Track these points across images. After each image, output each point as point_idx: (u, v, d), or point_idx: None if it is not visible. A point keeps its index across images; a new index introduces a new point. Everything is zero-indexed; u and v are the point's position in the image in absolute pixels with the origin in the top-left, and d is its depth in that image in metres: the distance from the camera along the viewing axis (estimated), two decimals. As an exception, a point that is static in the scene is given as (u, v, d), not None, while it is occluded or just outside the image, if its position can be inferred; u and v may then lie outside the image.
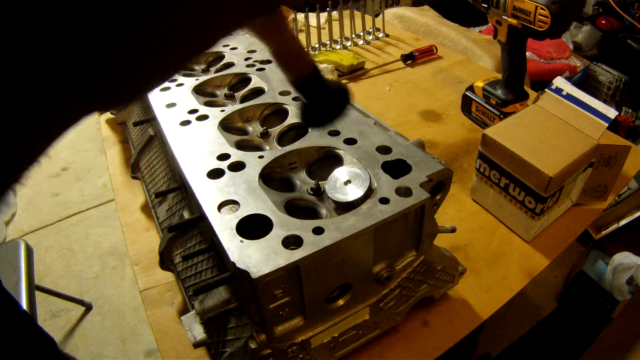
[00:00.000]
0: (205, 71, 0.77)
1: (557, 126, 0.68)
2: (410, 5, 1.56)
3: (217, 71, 0.73)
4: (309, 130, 0.54)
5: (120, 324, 1.54)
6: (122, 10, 0.19)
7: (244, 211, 0.42)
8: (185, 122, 0.57)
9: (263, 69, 0.70)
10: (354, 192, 0.44)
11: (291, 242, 0.39)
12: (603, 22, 2.20)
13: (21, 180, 0.21)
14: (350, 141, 0.51)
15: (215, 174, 0.48)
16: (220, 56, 0.78)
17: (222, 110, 0.60)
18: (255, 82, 0.68)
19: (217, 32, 0.24)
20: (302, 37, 1.20)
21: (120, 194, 0.82)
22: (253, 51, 0.77)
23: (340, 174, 0.46)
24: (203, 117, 0.58)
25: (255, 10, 0.25)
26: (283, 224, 0.41)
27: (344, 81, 1.11)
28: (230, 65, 0.74)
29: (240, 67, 0.72)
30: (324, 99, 0.38)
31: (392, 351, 0.56)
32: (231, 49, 0.79)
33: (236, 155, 0.50)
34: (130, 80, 0.22)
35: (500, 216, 0.72)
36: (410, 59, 1.16)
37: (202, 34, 0.23)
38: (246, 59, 0.74)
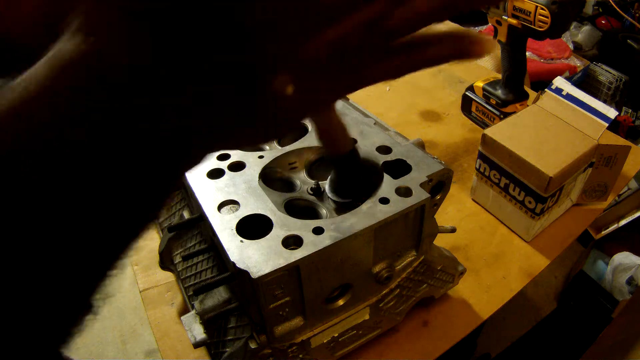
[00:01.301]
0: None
1: (557, 126, 0.68)
2: (410, 5, 1.55)
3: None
4: (309, 130, 0.54)
5: (120, 324, 1.54)
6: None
7: (244, 211, 0.42)
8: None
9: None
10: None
11: (291, 242, 0.39)
12: (603, 22, 2.19)
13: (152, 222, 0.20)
14: (350, 141, 0.51)
15: (215, 173, 0.48)
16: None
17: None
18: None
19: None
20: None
21: (120, 194, 0.82)
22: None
23: (340, 174, 0.46)
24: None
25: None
26: (283, 224, 0.41)
27: (344, 81, 1.11)
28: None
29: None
30: (358, 177, 0.39)
31: (392, 351, 0.56)
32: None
33: (236, 155, 0.50)
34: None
35: (500, 216, 0.72)
36: (410, 59, 1.16)
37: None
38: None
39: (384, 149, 0.50)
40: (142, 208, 0.20)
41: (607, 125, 0.65)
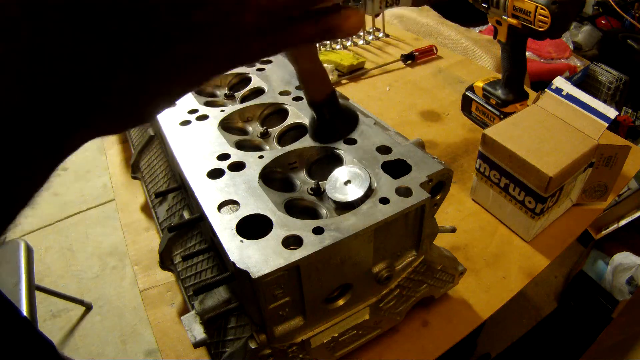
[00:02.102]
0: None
1: (557, 126, 0.68)
2: (410, 6, 1.56)
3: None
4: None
5: (120, 324, 1.54)
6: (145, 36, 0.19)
7: (244, 211, 0.42)
8: (185, 122, 0.57)
9: (263, 69, 0.70)
10: (354, 192, 0.44)
11: (291, 242, 0.39)
12: (603, 22, 2.20)
13: (27, 205, 0.21)
14: (350, 141, 0.51)
15: (215, 174, 0.48)
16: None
17: (222, 110, 0.60)
18: (255, 82, 0.68)
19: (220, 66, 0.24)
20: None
21: (120, 194, 0.82)
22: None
23: (340, 174, 0.46)
24: (203, 117, 0.58)
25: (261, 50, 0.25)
26: (283, 224, 0.41)
27: (344, 81, 1.11)
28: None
29: (240, 67, 0.72)
30: (335, 120, 0.41)
31: (392, 351, 0.56)
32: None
33: (236, 155, 0.50)
34: (134, 109, 0.22)
35: (500, 216, 0.72)
36: (410, 59, 1.16)
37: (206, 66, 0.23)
38: (246, 59, 0.74)
39: (384, 149, 0.50)
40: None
41: (607, 125, 0.65)
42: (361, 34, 1.28)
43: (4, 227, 0.21)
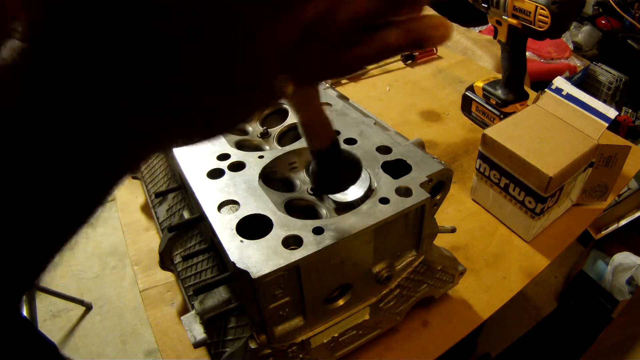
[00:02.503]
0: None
1: (557, 126, 0.68)
2: (410, 5, 1.55)
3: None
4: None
5: (120, 324, 1.54)
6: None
7: (244, 211, 0.42)
8: (185, 122, 0.57)
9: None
10: (354, 192, 0.44)
11: (291, 242, 0.39)
12: (603, 22, 2.19)
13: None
14: (350, 141, 0.51)
15: (215, 174, 0.48)
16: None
17: (222, 110, 0.60)
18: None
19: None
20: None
21: (120, 194, 0.82)
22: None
23: (340, 174, 0.46)
24: (203, 117, 0.58)
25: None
26: (283, 224, 0.41)
27: (344, 81, 1.11)
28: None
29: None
30: (338, 170, 0.39)
31: (392, 351, 0.56)
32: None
33: (236, 155, 0.50)
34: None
35: (500, 216, 0.72)
36: (410, 59, 1.16)
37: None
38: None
39: (384, 149, 0.50)
40: (82, 204, 0.20)
41: (607, 125, 0.65)
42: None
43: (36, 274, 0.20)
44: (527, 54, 0.85)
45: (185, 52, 0.18)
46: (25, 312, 1.37)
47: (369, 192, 0.44)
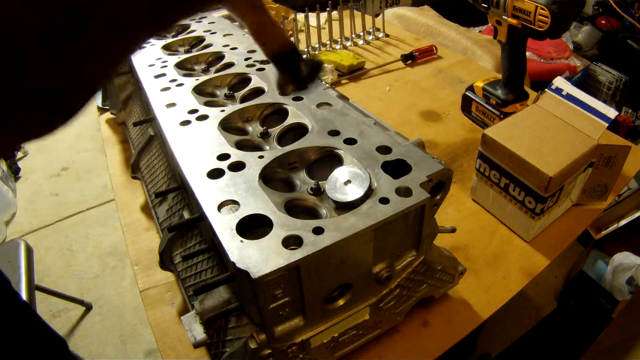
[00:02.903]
0: (205, 71, 0.77)
1: (557, 126, 0.68)
2: (410, 5, 1.56)
3: (217, 71, 0.73)
4: (309, 130, 0.54)
5: (120, 324, 1.54)
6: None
7: (244, 211, 0.42)
8: (185, 122, 0.57)
9: (263, 69, 0.70)
10: (354, 192, 0.44)
11: (291, 242, 0.39)
12: (603, 22, 2.20)
13: None
14: (350, 141, 0.51)
15: (215, 174, 0.48)
16: (220, 56, 0.78)
17: (222, 110, 0.60)
18: (255, 82, 0.68)
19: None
20: (302, 37, 1.20)
21: (120, 194, 0.82)
22: (253, 51, 0.77)
23: (340, 174, 0.46)
24: (203, 117, 0.58)
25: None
26: (283, 224, 0.41)
27: (344, 81, 1.11)
28: (230, 65, 0.74)
29: (240, 67, 0.72)
30: (299, 70, 0.44)
31: (392, 351, 0.56)
32: (231, 48, 0.79)
33: (236, 155, 0.50)
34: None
35: (500, 216, 0.72)
36: (410, 59, 1.16)
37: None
38: (246, 59, 0.74)
39: (384, 149, 0.50)
40: None
41: (607, 125, 0.65)
42: (361, 33, 1.28)
43: None
44: (527, 54, 0.85)
45: None
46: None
47: (369, 192, 0.44)
